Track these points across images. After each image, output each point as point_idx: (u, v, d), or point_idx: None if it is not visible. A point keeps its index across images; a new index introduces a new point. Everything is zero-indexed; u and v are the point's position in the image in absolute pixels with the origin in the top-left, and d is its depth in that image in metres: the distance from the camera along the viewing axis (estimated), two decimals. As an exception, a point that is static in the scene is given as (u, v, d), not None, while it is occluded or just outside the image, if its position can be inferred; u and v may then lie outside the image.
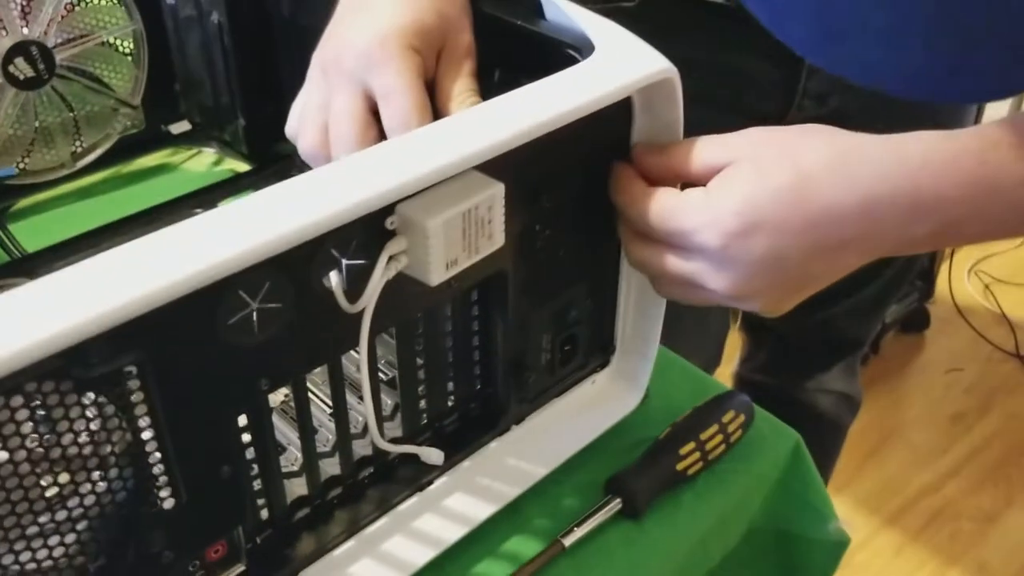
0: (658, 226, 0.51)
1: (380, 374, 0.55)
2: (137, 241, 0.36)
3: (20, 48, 0.79)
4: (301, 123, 0.53)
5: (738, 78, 0.82)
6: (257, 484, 0.48)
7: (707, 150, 0.51)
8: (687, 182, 0.51)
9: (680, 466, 0.59)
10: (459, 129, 0.45)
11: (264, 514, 0.49)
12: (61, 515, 0.38)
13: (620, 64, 0.50)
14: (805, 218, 0.47)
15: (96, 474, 0.38)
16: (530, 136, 0.46)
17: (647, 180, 0.53)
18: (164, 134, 0.92)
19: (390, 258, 0.44)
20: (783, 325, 1.10)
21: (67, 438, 0.37)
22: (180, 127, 0.93)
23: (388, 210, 0.44)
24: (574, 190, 0.54)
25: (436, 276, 0.45)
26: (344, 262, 0.43)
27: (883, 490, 1.78)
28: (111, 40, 0.85)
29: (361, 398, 0.54)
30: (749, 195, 0.47)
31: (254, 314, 0.41)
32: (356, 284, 0.44)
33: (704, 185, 0.50)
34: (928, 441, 1.89)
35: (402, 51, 0.50)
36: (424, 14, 0.51)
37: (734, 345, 1.24)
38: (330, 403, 0.51)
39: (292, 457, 0.53)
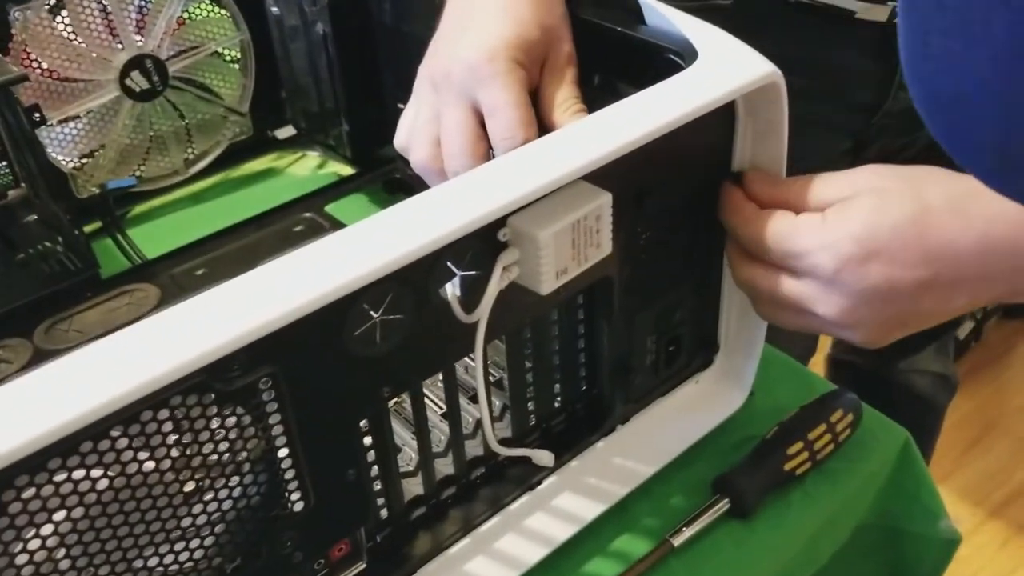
0: (773, 247, 0.51)
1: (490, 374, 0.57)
2: (274, 262, 0.38)
3: (136, 62, 0.82)
4: (412, 137, 0.55)
5: (835, 71, 0.82)
6: (377, 485, 0.50)
7: (829, 186, 0.50)
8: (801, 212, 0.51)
9: (788, 466, 0.59)
10: (568, 141, 0.46)
11: (384, 514, 0.51)
12: (202, 519, 0.40)
13: (725, 70, 0.50)
14: (923, 252, 0.46)
15: (233, 480, 0.41)
16: (637, 145, 0.46)
17: (758, 205, 0.53)
18: (270, 139, 0.96)
19: (503, 269, 0.45)
20: None
21: (207, 447, 0.39)
22: (285, 132, 0.96)
23: (500, 222, 0.45)
24: (677, 193, 0.54)
25: (547, 285, 0.46)
26: (459, 274, 0.44)
27: (987, 481, 1.74)
28: (220, 50, 0.88)
29: (470, 399, 0.56)
30: (869, 223, 0.47)
31: (377, 325, 0.42)
32: (470, 294, 0.45)
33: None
34: (1034, 431, 1.84)
35: (508, 66, 0.51)
36: (528, 28, 0.52)
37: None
38: (440, 405, 0.53)
39: (407, 458, 0.55)
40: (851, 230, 0.47)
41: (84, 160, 0.85)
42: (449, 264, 0.44)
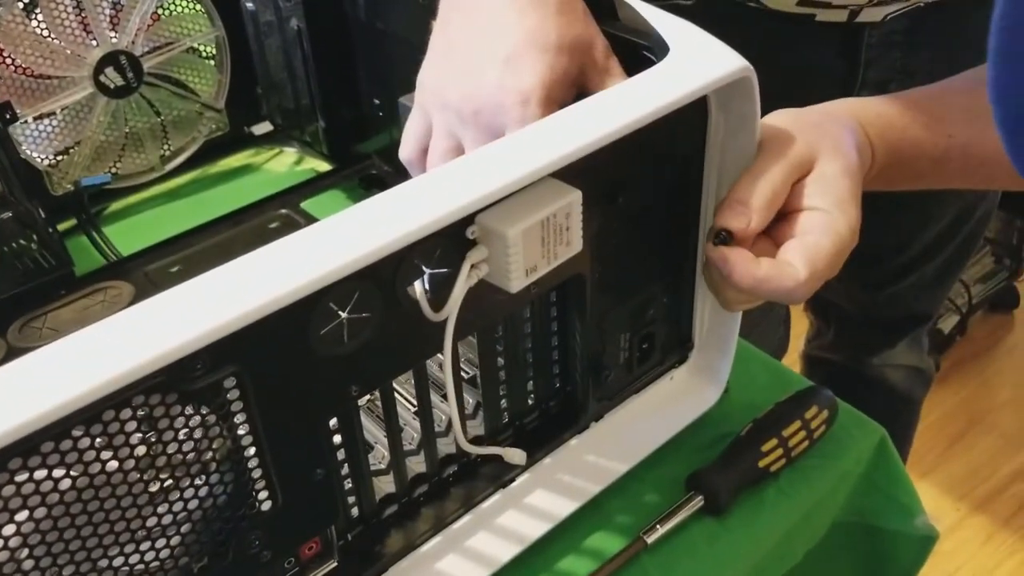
0: (763, 294, 0.53)
1: (461, 372, 0.56)
2: (237, 260, 0.38)
3: (110, 58, 0.82)
4: (430, 163, 0.54)
5: (798, 70, 0.82)
6: (348, 483, 0.49)
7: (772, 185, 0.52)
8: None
9: (763, 463, 0.59)
10: (538, 138, 0.46)
11: (355, 512, 0.51)
12: (167, 519, 0.40)
13: (697, 64, 0.50)
14: (857, 218, 0.53)
15: (199, 480, 0.40)
16: (609, 141, 0.46)
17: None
18: (247, 135, 0.95)
19: (472, 267, 0.45)
20: (850, 303, 1.11)
21: (172, 447, 0.39)
22: (262, 128, 0.96)
23: (469, 220, 0.45)
24: (650, 188, 0.54)
25: (516, 283, 0.46)
26: (428, 271, 0.44)
27: (971, 476, 1.74)
28: (195, 46, 0.88)
29: (443, 396, 0.56)
30: (831, 252, 0.52)
31: (344, 324, 0.42)
32: (439, 292, 0.45)
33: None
34: (1018, 425, 1.84)
35: (539, 111, 0.49)
36: (555, 58, 0.50)
37: (800, 327, 1.24)
38: (413, 402, 0.52)
39: (379, 455, 0.55)
40: (824, 268, 0.52)
41: (59, 157, 0.84)
42: (417, 262, 0.44)
